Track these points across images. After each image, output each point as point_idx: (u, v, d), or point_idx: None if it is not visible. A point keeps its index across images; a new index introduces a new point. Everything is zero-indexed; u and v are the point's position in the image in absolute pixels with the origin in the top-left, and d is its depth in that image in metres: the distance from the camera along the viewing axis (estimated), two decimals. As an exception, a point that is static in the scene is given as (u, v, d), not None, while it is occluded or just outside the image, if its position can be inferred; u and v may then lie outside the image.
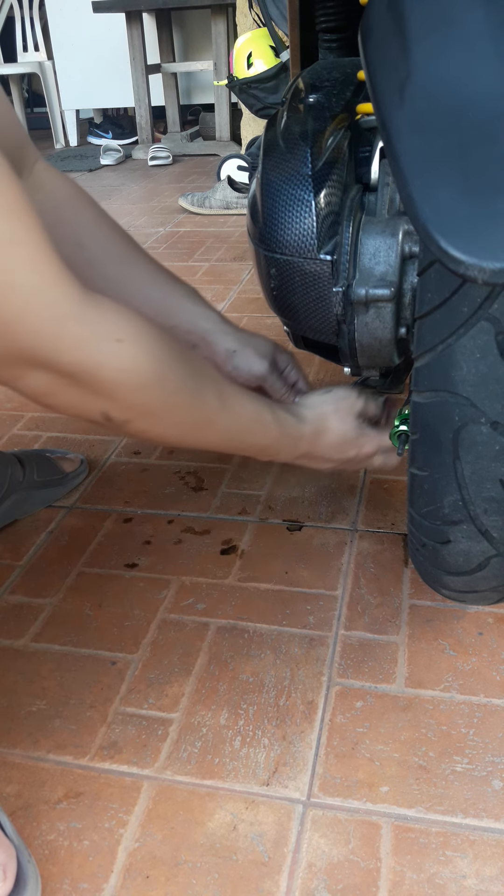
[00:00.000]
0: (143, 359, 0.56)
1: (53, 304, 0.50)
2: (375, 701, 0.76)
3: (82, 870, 0.62)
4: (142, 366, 0.56)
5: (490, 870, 0.61)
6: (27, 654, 0.83)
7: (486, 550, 0.66)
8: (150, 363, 0.56)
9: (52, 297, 0.50)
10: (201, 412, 0.64)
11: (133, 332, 0.55)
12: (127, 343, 0.54)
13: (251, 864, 0.62)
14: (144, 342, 0.56)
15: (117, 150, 3.79)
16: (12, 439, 1.27)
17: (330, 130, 0.69)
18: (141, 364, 0.55)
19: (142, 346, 0.55)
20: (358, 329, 0.71)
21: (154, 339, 0.57)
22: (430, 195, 0.48)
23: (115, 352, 0.54)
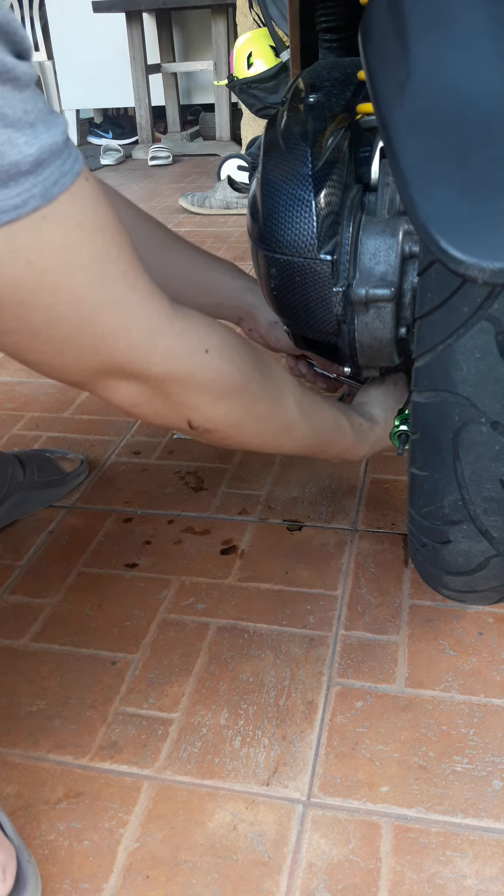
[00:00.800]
0: (227, 368, 0.58)
1: (146, 319, 0.51)
2: (375, 701, 0.76)
3: (82, 870, 0.62)
4: (226, 375, 0.58)
5: (490, 870, 0.61)
6: (27, 654, 0.83)
7: (486, 550, 0.66)
8: (235, 373, 0.59)
9: (144, 312, 0.51)
10: (282, 419, 0.66)
11: (218, 342, 0.57)
12: (212, 353, 0.56)
13: (251, 864, 0.62)
14: (228, 352, 0.58)
15: (117, 150, 3.79)
16: (12, 439, 1.27)
17: (330, 130, 0.69)
18: (226, 373, 0.58)
19: (226, 355, 0.58)
20: (358, 329, 0.71)
21: (236, 349, 0.59)
22: (430, 195, 0.48)
23: (202, 362, 0.56)
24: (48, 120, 0.43)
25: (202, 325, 0.57)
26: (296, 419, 0.68)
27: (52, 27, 3.87)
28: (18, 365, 1.54)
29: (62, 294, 0.46)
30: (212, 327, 0.57)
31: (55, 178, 0.43)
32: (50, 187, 0.43)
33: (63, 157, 0.44)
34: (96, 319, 0.49)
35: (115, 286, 0.49)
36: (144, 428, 1.28)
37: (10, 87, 0.40)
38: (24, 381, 1.48)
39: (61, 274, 0.46)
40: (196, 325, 0.56)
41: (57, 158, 0.43)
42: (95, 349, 0.50)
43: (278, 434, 0.67)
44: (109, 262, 0.48)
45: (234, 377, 0.59)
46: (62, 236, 0.45)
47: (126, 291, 0.50)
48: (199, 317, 0.57)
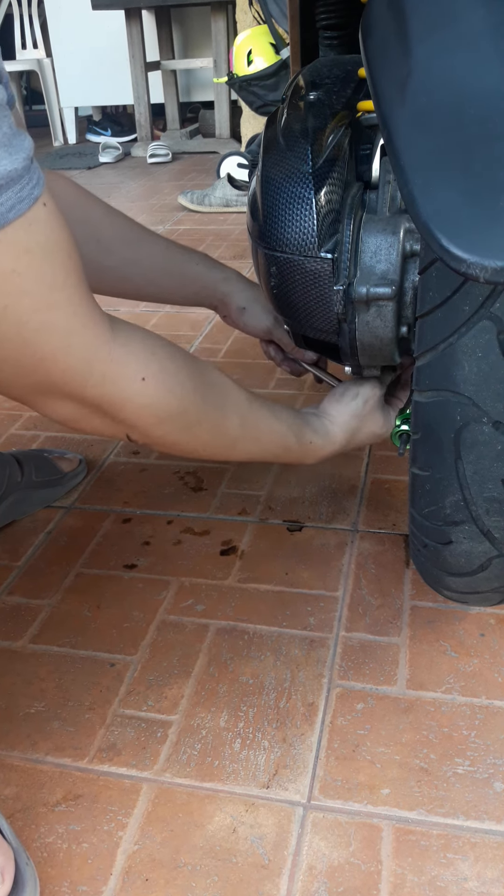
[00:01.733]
0: (164, 397, 0.59)
1: (85, 345, 0.53)
2: (376, 703, 0.75)
3: (81, 872, 0.62)
4: (162, 403, 0.59)
5: (491, 872, 0.60)
6: (25, 656, 0.83)
7: (487, 551, 0.66)
8: (171, 400, 0.60)
9: (84, 338, 0.52)
10: (223, 439, 0.68)
11: (156, 369, 0.58)
12: (149, 381, 0.57)
13: (251, 866, 0.62)
14: (166, 380, 0.59)
15: (116, 147, 3.78)
16: (10, 439, 1.26)
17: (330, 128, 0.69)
18: (161, 401, 0.59)
19: (163, 384, 0.59)
20: (359, 328, 0.71)
21: (176, 376, 0.60)
22: (431, 193, 0.47)
23: (138, 390, 0.57)
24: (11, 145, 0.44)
25: (142, 352, 0.58)
26: (237, 438, 0.70)
27: (50, 24, 3.87)
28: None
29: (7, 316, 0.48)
30: (153, 354, 0.58)
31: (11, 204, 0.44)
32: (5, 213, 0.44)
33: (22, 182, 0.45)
34: (37, 342, 0.50)
35: (58, 311, 0.50)
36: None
37: None
38: (22, 380, 1.47)
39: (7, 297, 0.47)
40: (136, 352, 0.57)
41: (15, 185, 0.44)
42: (33, 369, 0.52)
43: (219, 450, 0.70)
44: (55, 288, 0.49)
45: (171, 404, 0.60)
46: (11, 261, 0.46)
47: (68, 317, 0.51)
48: (141, 342, 0.58)
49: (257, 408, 0.72)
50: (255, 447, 0.73)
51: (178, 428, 0.62)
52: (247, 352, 1.53)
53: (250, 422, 0.70)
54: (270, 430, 0.74)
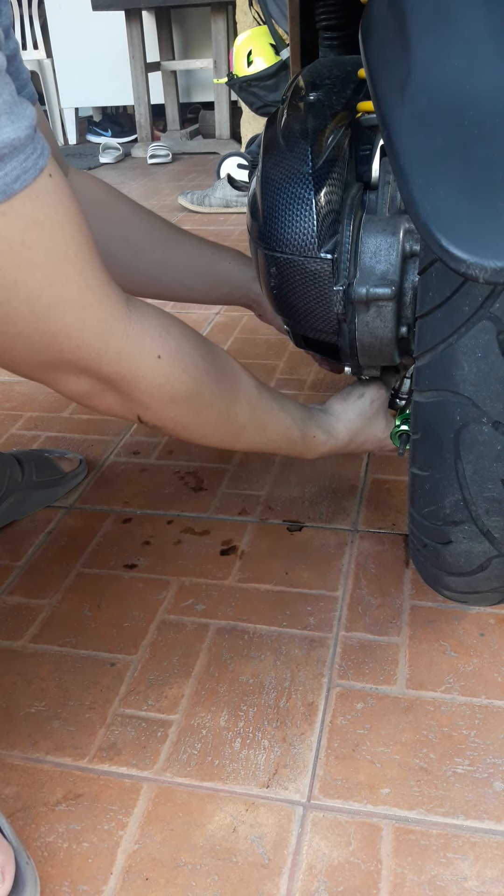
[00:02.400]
0: (178, 376, 0.58)
1: (99, 320, 0.51)
2: (376, 702, 0.75)
3: (81, 872, 0.62)
4: (176, 382, 0.58)
5: (491, 872, 0.60)
6: (26, 656, 0.83)
7: (487, 551, 0.66)
8: (185, 380, 0.59)
9: (98, 312, 0.51)
10: (231, 426, 0.68)
11: (172, 349, 0.57)
12: (165, 359, 0.57)
13: (251, 866, 0.62)
14: (182, 360, 0.58)
15: (116, 148, 3.79)
16: (11, 439, 1.26)
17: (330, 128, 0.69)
18: (176, 381, 0.58)
19: (179, 363, 0.58)
20: (359, 328, 0.71)
21: (191, 356, 0.60)
22: (430, 193, 0.47)
23: (153, 367, 0.56)
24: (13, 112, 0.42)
25: (158, 329, 0.57)
26: (245, 425, 0.69)
27: (51, 25, 3.87)
28: (17, 364, 1.54)
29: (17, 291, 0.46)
30: (168, 333, 0.58)
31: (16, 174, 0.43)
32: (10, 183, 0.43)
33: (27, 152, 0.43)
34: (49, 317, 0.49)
35: (70, 285, 0.49)
36: (143, 428, 1.28)
37: None
38: (22, 381, 1.47)
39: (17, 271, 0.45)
40: (151, 330, 0.56)
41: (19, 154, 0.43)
42: (47, 345, 0.51)
43: (226, 437, 0.69)
44: (66, 261, 0.48)
45: (186, 384, 0.59)
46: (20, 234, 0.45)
47: (81, 291, 0.50)
48: (156, 320, 0.57)
49: (266, 397, 0.71)
50: (260, 436, 0.72)
51: (190, 409, 0.62)
52: (247, 352, 1.53)
53: (258, 410, 0.70)
54: (277, 420, 0.73)
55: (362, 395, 0.83)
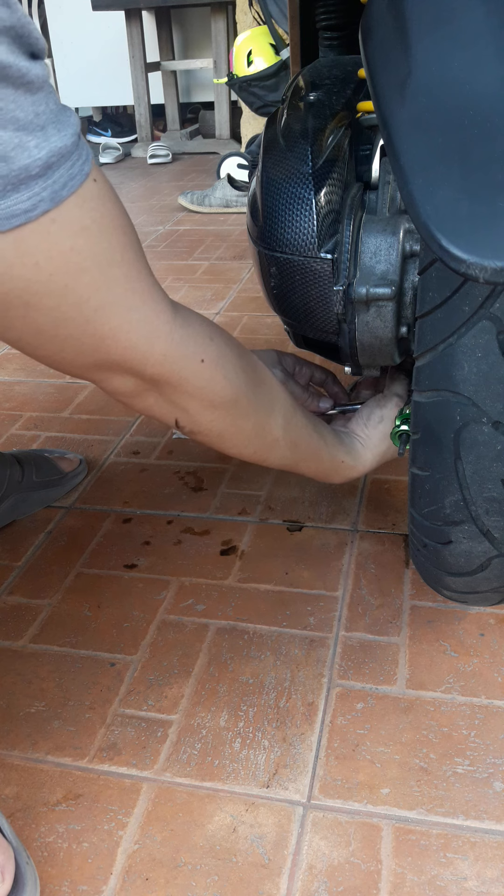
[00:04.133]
0: (220, 381, 0.59)
1: (146, 322, 0.52)
2: (376, 702, 0.75)
3: (81, 872, 0.62)
4: (218, 387, 0.59)
5: (491, 872, 0.60)
6: (26, 656, 0.83)
7: (487, 551, 0.66)
8: (226, 386, 0.60)
9: (144, 315, 0.52)
10: (265, 438, 0.68)
11: (215, 354, 0.58)
12: (208, 364, 0.58)
13: (251, 866, 0.62)
14: (223, 366, 0.59)
15: (116, 148, 3.79)
16: (11, 439, 1.26)
17: (330, 128, 0.69)
18: (218, 385, 0.59)
19: (220, 369, 0.59)
20: (359, 328, 0.71)
21: (233, 363, 0.61)
22: (431, 193, 0.47)
23: (197, 371, 0.57)
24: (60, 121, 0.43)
25: (202, 334, 0.58)
26: (278, 439, 0.69)
27: (51, 25, 3.86)
28: (17, 364, 1.54)
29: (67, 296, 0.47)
30: (212, 338, 0.59)
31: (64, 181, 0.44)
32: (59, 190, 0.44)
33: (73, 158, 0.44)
34: (98, 320, 0.50)
35: (117, 288, 0.50)
36: (143, 428, 1.28)
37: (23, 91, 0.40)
38: (22, 381, 1.47)
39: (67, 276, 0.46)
40: (195, 334, 0.57)
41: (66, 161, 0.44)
42: (95, 348, 0.51)
43: (259, 450, 0.69)
44: (113, 264, 0.49)
45: (226, 390, 0.60)
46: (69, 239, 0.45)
47: (127, 294, 0.50)
48: (201, 325, 0.58)
49: (300, 415, 0.72)
50: (291, 453, 0.72)
51: (227, 417, 0.62)
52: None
53: (292, 426, 0.71)
54: (309, 439, 0.74)
55: (382, 419, 0.83)
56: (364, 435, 0.83)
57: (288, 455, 0.73)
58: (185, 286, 1.96)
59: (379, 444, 0.83)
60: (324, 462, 0.78)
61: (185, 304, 1.82)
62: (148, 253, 2.25)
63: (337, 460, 0.79)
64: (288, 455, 0.73)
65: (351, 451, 0.82)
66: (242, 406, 0.63)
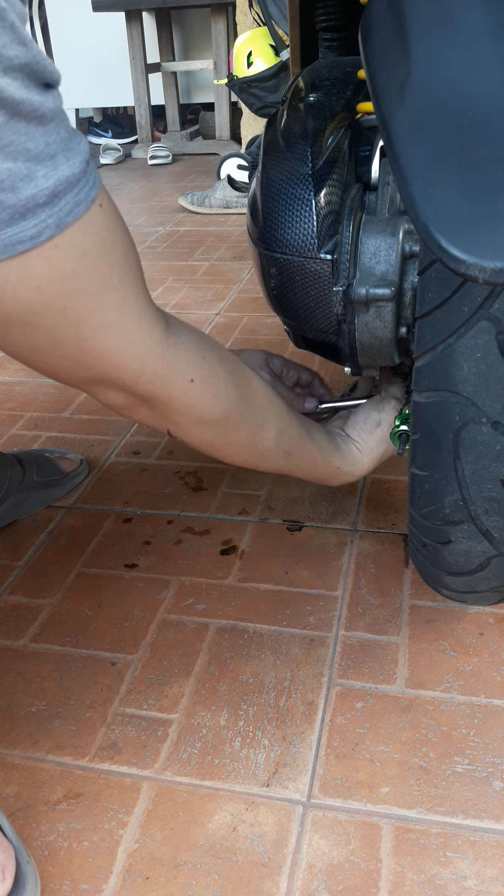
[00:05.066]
0: (208, 400, 0.61)
1: (139, 343, 0.54)
2: (376, 702, 0.75)
3: (82, 871, 0.62)
4: (206, 405, 0.61)
5: (491, 871, 0.61)
6: (26, 655, 0.83)
7: (486, 551, 0.66)
8: (215, 405, 0.62)
9: (138, 336, 0.54)
10: (257, 448, 0.70)
11: (206, 374, 0.60)
12: (197, 384, 0.60)
13: (251, 864, 0.62)
14: (214, 385, 0.61)
15: (117, 149, 3.79)
16: (11, 439, 1.27)
17: (330, 129, 0.69)
18: (207, 404, 0.61)
19: (210, 388, 0.61)
20: (358, 328, 0.71)
21: (223, 382, 0.62)
22: (430, 194, 0.48)
23: (186, 391, 0.59)
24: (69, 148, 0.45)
25: (194, 354, 0.59)
26: (271, 449, 0.71)
27: (51, 26, 3.87)
28: (18, 365, 1.54)
29: (66, 316, 0.49)
30: (203, 358, 0.60)
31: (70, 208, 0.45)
32: (64, 217, 0.45)
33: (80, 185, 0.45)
34: (93, 340, 0.51)
35: (114, 310, 0.51)
36: (143, 428, 1.28)
37: (35, 124, 0.42)
38: (23, 381, 1.48)
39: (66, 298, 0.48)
40: (187, 354, 0.59)
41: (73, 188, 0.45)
42: (89, 364, 0.53)
43: (250, 458, 0.71)
44: (110, 287, 0.50)
45: (215, 408, 0.62)
46: (70, 263, 0.47)
47: (123, 316, 0.52)
48: (194, 344, 0.60)
49: (295, 424, 0.74)
50: (284, 461, 0.74)
51: (217, 431, 0.65)
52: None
53: (286, 436, 0.72)
54: (303, 448, 0.75)
55: (379, 423, 0.84)
56: (361, 440, 0.84)
57: (282, 462, 0.74)
58: (185, 287, 1.97)
59: (376, 447, 0.84)
60: (319, 468, 0.79)
61: (186, 304, 1.83)
62: (148, 253, 2.25)
63: (332, 466, 0.80)
64: (282, 462, 0.74)
65: (347, 456, 0.82)
66: (233, 421, 0.65)
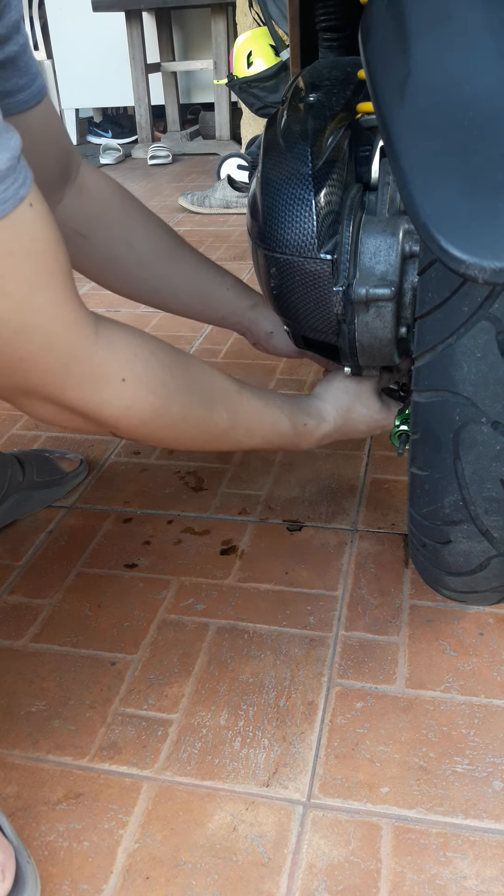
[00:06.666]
0: (144, 397, 0.58)
1: (65, 347, 0.52)
2: (376, 702, 0.75)
3: (82, 871, 0.62)
4: (143, 403, 0.58)
5: (490, 871, 0.61)
6: (26, 655, 0.83)
7: (486, 550, 0.66)
8: (153, 400, 0.59)
9: (65, 339, 0.52)
10: (212, 431, 0.67)
11: (139, 370, 0.57)
12: (129, 382, 0.56)
13: (251, 864, 0.62)
14: (148, 381, 0.58)
15: (117, 149, 3.79)
16: (11, 439, 1.27)
17: (330, 129, 0.69)
18: (142, 402, 0.58)
19: (145, 384, 0.58)
20: (358, 328, 0.71)
21: (159, 376, 0.59)
22: (430, 194, 0.48)
23: (117, 392, 0.56)
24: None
25: (125, 352, 0.57)
26: (226, 430, 0.69)
27: (51, 26, 3.87)
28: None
29: None
30: (136, 354, 0.57)
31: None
32: None
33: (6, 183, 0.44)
34: (16, 343, 0.49)
35: (40, 313, 0.50)
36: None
37: None
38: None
39: None
40: (118, 353, 0.56)
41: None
42: (13, 370, 0.51)
43: (209, 442, 0.69)
44: (37, 289, 0.49)
45: (153, 404, 0.59)
46: None
47: (49, 319, 0.50)
48: (125, 342, 0.57)
49: (247, 397, 0.71)
50: (247, 437, 0.72)
51: (163, 426, 0.62)
52: (247, 352, 1.53)
53: (241, 413, 0.70)
54: (262, 418, 0.73)
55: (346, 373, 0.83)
56: (324, 391, 0.83)
57: (244, 439, 0.72)
58: (185, 287, 1.96)
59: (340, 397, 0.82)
60: (285, 433, 0.76)
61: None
62: (148, 253, 2.25)
63: (299, 425, 0.78)
64: (244, 439, 0.72)
65: (310, 411, 0.80)
66: (175, 413, 0.62)
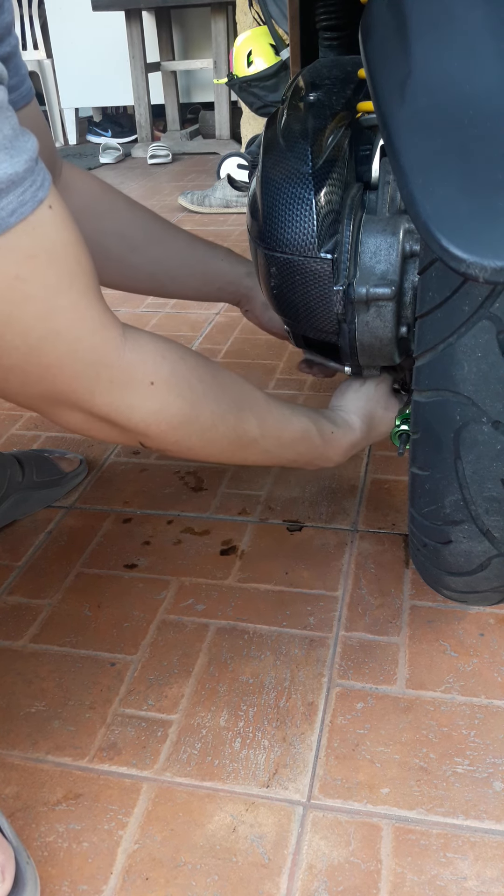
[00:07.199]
0: (173, 401, 0.57)
1: (92, 351, 0.51)
2: (376, 702, 0.75)
3: (81, 871, 0.62)
4: (172, 407, 0.57)
5: (491, 871, 0.60)
6: (26, 655, 0.83)
7: (487, 550, 0.66)
8: (182, 405, 0.58)
9: (91, 343, 0.51)
10: (240, 441, 0.66)
11: (167, 374, 0.56)
12: (158, 386, 0.56)
13: (251, 865, 0.62)
14: (177, 384, 0.57)
15: (116, 148, 3.79)
16: (11, 439, 1.26)
17: (330, 129, 0.69)
18: (171, 406, 0.57)
19: (173, 388, 0.57)
20: (359, 328, 0.71)
21: (188, 380, 0.58)
22: (430, 193, 0.47)
23: (147, 395, 0.55)
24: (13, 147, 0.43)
25: (153, 355, 0.56)
26: (256, 438, 0.67)
27: (51, 25, 3.87)
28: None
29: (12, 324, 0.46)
30: (164, 357, 0.56)
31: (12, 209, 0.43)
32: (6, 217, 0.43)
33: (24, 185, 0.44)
34: (43, 349, 0.49)
35: (64, 317, 0.49)
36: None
37: None
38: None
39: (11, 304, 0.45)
40: (145, 356, 0.55)
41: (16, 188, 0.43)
42: (40, 377, 0.50)
43: (237, 452, 0.67)
44: (61, 293, 0.48)
45: (183, 410, 0.58)
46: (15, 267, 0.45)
47: (74, 322, 0.49)
48: (152, 346, 0.56)
49: (275, 406, 0.70)
50: (276, 446, 0.70)
51: (192, 433, 0.60)
52: (247, 352, 1.53)
53: (270, 421, 0.69)
54: (291, 426, 0.72)
55: (364, 382, 0.82)
56: (345, 402, 0.82)
57: (274, 449, 0.70)
58: (185, 286, 1.96)
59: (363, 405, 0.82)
60: (314, 441, 0.75)
61: (185, 304, 1.82)
62: (148, 253, 2.25)
63: (326, 433, 0.77)
64: (274, 449, 0.70)
65: (335, 420, 0.80)
66: (205, 419, 0.60)
